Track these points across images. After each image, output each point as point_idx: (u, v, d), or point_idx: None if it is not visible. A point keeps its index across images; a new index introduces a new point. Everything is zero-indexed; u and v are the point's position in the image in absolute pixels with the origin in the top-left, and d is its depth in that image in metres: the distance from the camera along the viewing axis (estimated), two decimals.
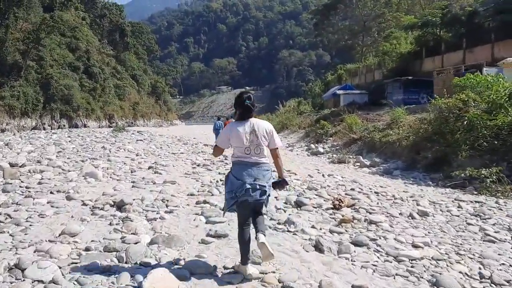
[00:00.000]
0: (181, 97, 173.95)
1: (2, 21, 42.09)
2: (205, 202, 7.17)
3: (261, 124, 3.96)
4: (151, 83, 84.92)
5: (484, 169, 8.89)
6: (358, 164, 13.56)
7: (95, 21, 75.13)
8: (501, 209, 7.25)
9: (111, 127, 53.17)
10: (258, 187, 3.82)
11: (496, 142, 9.81)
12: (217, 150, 4.13)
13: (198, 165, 12.34)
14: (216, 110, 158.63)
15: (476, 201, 7.85)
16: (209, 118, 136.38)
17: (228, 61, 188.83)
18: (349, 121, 18.32)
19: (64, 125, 48.19)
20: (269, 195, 4.00)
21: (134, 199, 7.08)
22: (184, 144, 22.48)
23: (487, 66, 16.70)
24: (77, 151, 16.74)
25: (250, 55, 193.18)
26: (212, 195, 7.84)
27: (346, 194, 7.99)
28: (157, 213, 6.36)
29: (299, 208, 6.81)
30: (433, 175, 10.70)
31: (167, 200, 7.21)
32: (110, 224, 5.74)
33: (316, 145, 19.45)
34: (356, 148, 15.92)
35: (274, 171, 4.05)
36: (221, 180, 9.02)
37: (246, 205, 3.88)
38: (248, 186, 3.78)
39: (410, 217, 6.50)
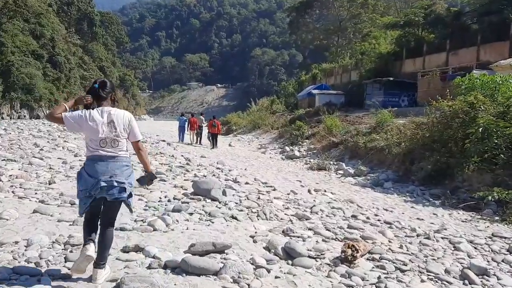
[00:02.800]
0: (150, 91, 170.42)
1: None
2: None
3: (120, 114, 3.58)
4: (119, 76, 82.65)
5: (507, 191, 7.38)
6: (341, 172, 12.36)
7: (62, 8, 72.23)
8: None
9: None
10: (115, 183, 3.44)
11: None
12: (57, 118, 3.56)
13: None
14: (186, 106, 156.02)
15: None
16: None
17: (200, 57, 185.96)
18: (329, 123, 17.19)
19: (24, 116, 45.91)
20: (131, 195, 3.61)
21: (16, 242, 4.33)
22: (142, 142, 20.16)
23: (477, 69, 15.97)
24: None
25: (222, 52, 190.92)
26: (155, 230, 5.09)
27: (349, 226, 6.15)
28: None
29: (290, 263, 4.43)
30: (433, 190, 9.44)
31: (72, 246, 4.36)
32: None
33: (291, 147, 18.31)
34: (337, 153, 14.69)
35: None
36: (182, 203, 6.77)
37: (99, 203, 3.53)
38: (103, 184, 3.40)
39: (465, 280, 4.47)
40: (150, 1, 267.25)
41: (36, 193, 6.66)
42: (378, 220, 6.86)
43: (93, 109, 3.58)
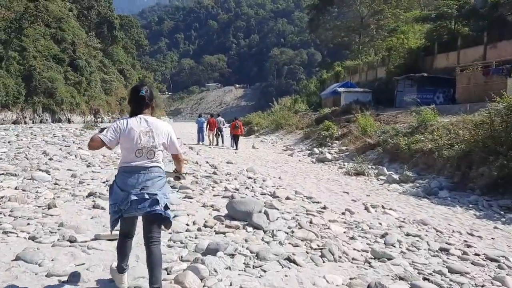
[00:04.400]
0: (170, 93, 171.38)
1: None
2: None
3: (160, 125, 3.39)
4: (139, 78, 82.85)
5: None
6: (383, 178, 11.11)
7: (83, 12, 72.93)
8: None
9: (97, 121, 51.22)
10: (146, 196, 3.20)
11: None
12: (96, 143, 3.28)
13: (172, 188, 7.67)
14: (205, 107, 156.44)
15: None
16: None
17: (218, 58, 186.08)
18: (363, 123, 15.99)
19: (46, 119, 46.21)
20: (167, 207, 3.30)
21: None
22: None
23: None
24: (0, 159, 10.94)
25: (240, 52, 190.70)
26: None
27: (450, 270, 4.50)
28: None
29: None
30: (502, 201, 8.04)
31: None
32: None
33: (320, 149, 17.26)
34: (374, 156, 13.42)
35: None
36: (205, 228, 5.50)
37: (132, 220, 3.38)
38: (134, 198, 3.17)
39: None
40: (168, 4, 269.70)
41: (28, 224, 5.14)
42: (476, 254, 5.27)
43: (132, 116, 3.37)
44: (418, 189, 9.70)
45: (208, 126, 21.82)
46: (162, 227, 3.35)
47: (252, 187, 8.50)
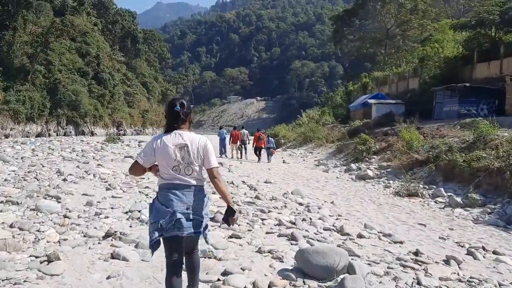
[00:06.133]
0: (192, 105, 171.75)
1: (10, 23, 40.36)
2: None
3: (196, 139, 3.24)
4: (161, 91, 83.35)
5: None
6: (443, 200, 9.71)
7: (107, 27, 74.11)
8: None
9: (119, 134, 51.26)
10: (191, 217, 3.10)
11: None
12: (136, 167, 3.23)
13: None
14: (226, 119, 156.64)
15: None
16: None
17: (240, 70, 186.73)
18: (407, 136, 14.79)
19: (70, 132, 46.57)
20: (207, 227, 3.22)
21: None
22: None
23: None
24: (5, 180, 9.46)
25: (262, 65, 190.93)
26: None
27: None
28: None
29: None
30: None
31: None
32: None
33: (358, 164, 16.14)
34: (425, 174, 11.93)
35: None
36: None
37: (177, 241, 3.12)
38: (180, 216, 3.04)
39: None
40: (190, 18, 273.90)
41: None
42: None
43: (167, 132, 3.25)
44: (492, 215, 8.32)
45: (231, 138, 21.38)
46: None
47: (310, 219, 7.06)
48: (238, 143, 21.07)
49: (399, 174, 12.83)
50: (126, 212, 6.74)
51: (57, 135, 43.30)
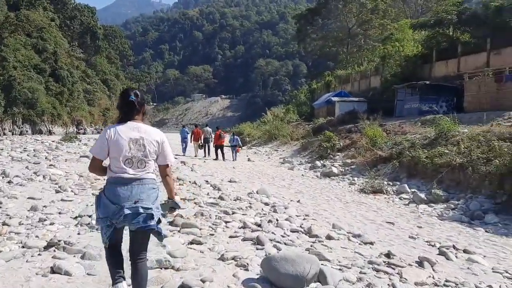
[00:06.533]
0: (154, 104, 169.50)
1: None
2: None
3: (152, 132, 3.10)
4: (123, 88, 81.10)
5: None
6: (407, 197, 9.66)
7: (65, 22, 71.62)
8: None
9: (79, 133, 49.67)
10: (141, 210, 2.94)
11: None
12: (94, 163, 3.09)
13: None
14: (190, 117, 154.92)
15: None
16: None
17: (204, 68, 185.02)
18: (370, 133, 14.80)
19: (26, 131, 44.77)
20: (159, 221, 3.06)
21: None
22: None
23: None
24: None
25: (226, 63, 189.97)
26: None
27: None
28: None
29: None
30: None
31: None
32: None
33: (322, 162, 16.11)
34: (388, 171, 11.91)
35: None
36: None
37: (122, 230, 3.11)
38: (127, 212, 2.90)
39: None
40: (153, 15, 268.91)
41: None
42: None
43: (121, 123, 3.08)
44: (455, 211, 8.34)
45: (192, 136, 21.21)
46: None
47: (277, 220, 6.63)
48: (200, 141, 20.87)
49: (363, 171, 12.88)
50: (76, 217, 6.10)
51: (12, 134, 41.50)
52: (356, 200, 9.74)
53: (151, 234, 3.10)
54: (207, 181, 10.43)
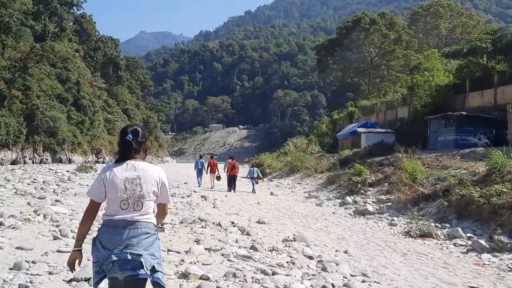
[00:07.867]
0: (173, 133, 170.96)
1: None
2: None
3: (150, 170, 2.88)
4: (143, 118, 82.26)
5: None
6: (463, 243, 8.38)
7: (89, 53, 73.28)
8: None
9: (98, 162, 49.58)
10: (129, 257, 2.66)
11: None
12: (91, 207, 2.88)
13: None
14: (208, 148, 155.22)
15: None
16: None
17: (222, 99, 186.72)
18: (409, 167, 13.61)
19: (47, 159, 44.83)
20: (155, 269, 2.71)
21: None
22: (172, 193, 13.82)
23: None
24: None
25: (244, 94, 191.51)
26: None
27: None
28: None
29: None
30: None
31: None
32: None
33: (353, 197, 14.94)
34: (434, 210, 10.45)
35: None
36: None
37: (118, 284, 2.76)
38: (114, 258, 2.66)
39: None
40: (174, 47, 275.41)
41: None
42: None
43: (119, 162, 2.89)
44: None
45: (208, 168, 20.55)
46: None
47: (333, 286, 5.24)
48: (217, 173, 20.23)
49: (402, 209, 11.67)
50: (69, 281, 4.51)
51: (33, 163, 41.52)
52: (411, 249, 8.31)
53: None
54: (232, 223, 9.24)
